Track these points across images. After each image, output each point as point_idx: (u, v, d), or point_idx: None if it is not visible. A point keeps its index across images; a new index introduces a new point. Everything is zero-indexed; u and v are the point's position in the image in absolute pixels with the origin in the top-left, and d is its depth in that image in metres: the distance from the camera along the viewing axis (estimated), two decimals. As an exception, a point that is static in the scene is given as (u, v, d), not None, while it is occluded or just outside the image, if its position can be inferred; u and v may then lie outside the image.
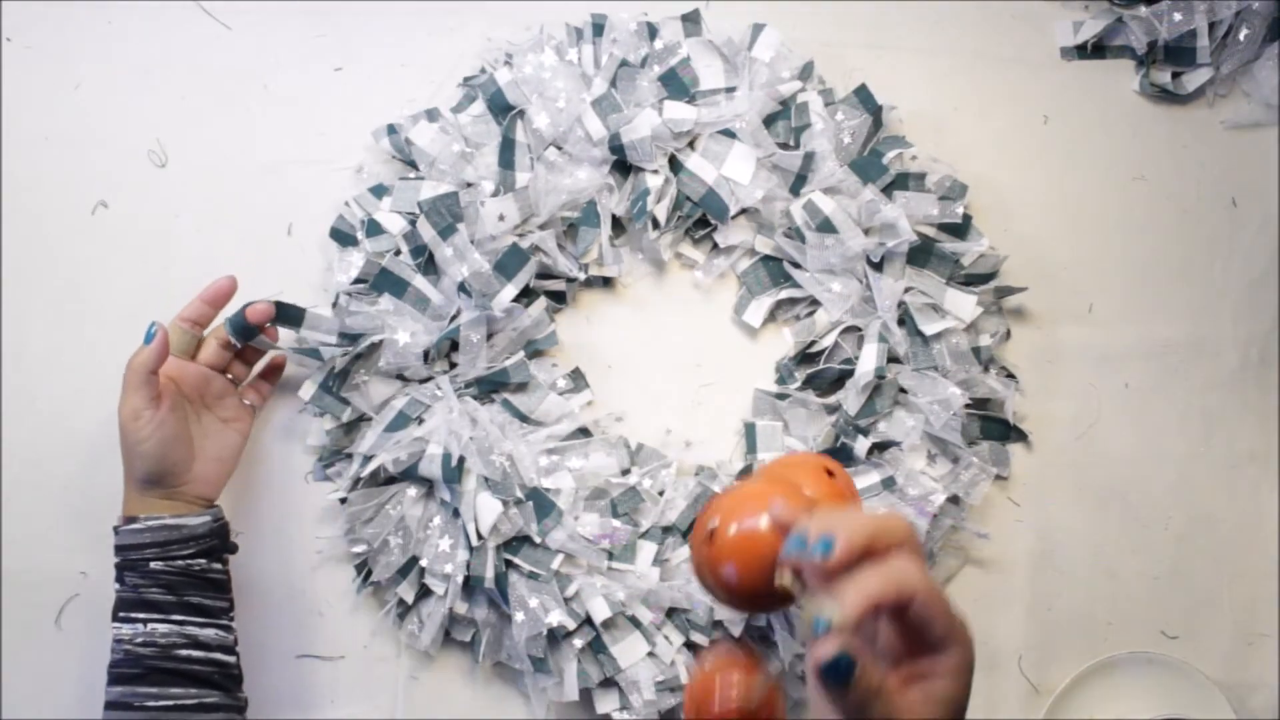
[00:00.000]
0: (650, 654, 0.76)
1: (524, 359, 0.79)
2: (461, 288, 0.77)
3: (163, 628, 0.66)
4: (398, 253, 0.78)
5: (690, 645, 0.77)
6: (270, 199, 0.83)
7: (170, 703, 0.65)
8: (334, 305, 0.78)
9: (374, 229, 0.79)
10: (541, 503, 0.76)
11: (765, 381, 0.83)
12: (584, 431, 0.80)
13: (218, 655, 0.68)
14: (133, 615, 0.66)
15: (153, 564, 0.67)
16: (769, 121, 0.81)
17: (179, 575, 0.67)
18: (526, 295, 0.80)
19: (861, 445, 0.79)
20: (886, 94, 0.83)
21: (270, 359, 0.78)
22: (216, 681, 0.67)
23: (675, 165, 0.81)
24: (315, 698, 0.79)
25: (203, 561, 0.68)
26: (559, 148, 0.80)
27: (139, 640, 0.66)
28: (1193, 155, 0.89)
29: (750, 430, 0.81)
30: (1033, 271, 0.85)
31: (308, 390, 0.77)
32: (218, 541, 0.70)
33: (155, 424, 0.68)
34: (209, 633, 0.68)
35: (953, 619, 0.42)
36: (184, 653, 0.66)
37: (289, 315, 0.76)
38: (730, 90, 0.81)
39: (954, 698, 0.42)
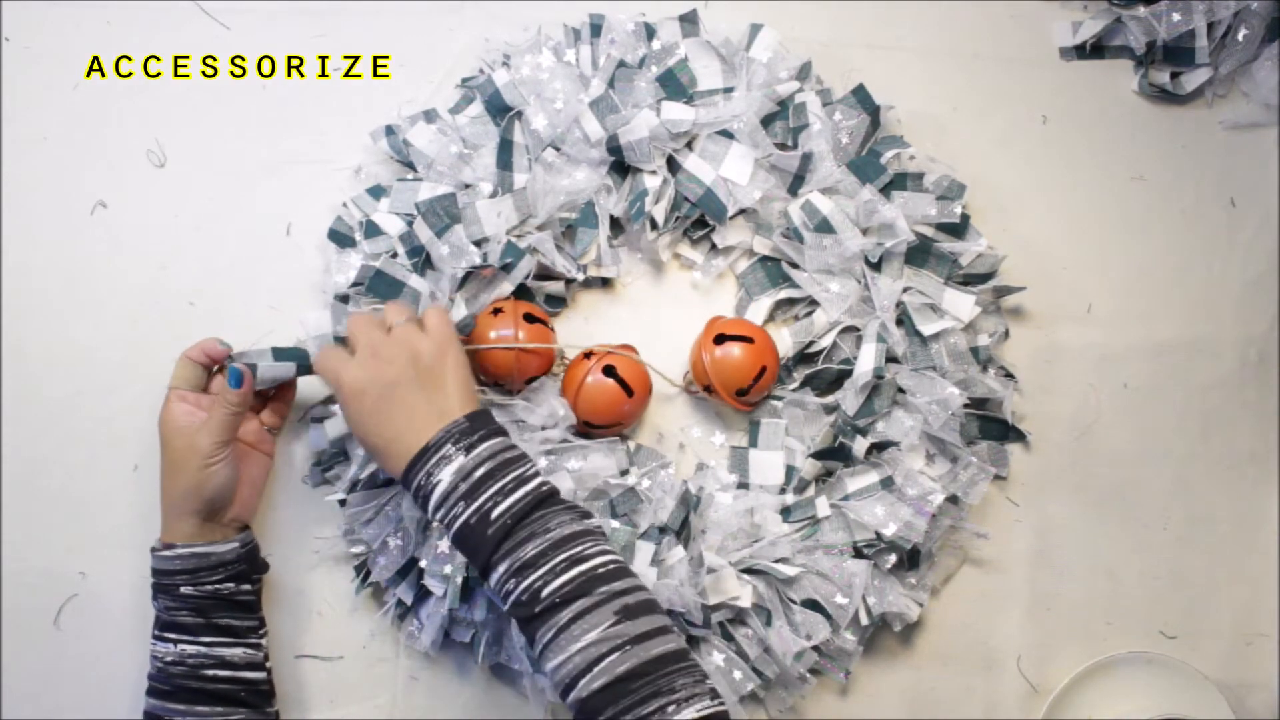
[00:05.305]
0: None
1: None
2: (463, 283, 0.77)
3: (191, 649, 0.70)
4: (394, 255, 0.78)
5: (688, 642, 0.77)
6: (269, 199, 0.83)
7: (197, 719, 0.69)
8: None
9: (372, 230, 0.79)
10: (540, 503, 0.76)
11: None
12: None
13: (245, 674, 0.71)
14: (166, 635, 0.70)
15: (183, 589, 0.70)
16: (767, 122, 0.81)
17: (209, 599, 0.70)
18: (525, 295, 0.80)
19: (860, 445, 0.79)
20: (885, 94, 0.82)
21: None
22: (242, 699, 0.71)
23: (673, 166, 0.81)
24: (314, 698, 0.79)
25: (231, 585, 0.71)
26: (557, 149, 0.80)
27: (169, 659, 0.70)
28: (1191, 155, 0.89)
29: (754, 428, 0.81)
30: (1032, 271, 0.85)
31: (316, 398, 0.77)
32: (246, 566, 0.73)
33: (230, 459, 0.71)
34: (236, 652, 0.71)
35: (331, 376, 0.67)
36: (211, 673, 0.70)
37: (291, 355, 0.74)
38: (728, 91, 0.81)
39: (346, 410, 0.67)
